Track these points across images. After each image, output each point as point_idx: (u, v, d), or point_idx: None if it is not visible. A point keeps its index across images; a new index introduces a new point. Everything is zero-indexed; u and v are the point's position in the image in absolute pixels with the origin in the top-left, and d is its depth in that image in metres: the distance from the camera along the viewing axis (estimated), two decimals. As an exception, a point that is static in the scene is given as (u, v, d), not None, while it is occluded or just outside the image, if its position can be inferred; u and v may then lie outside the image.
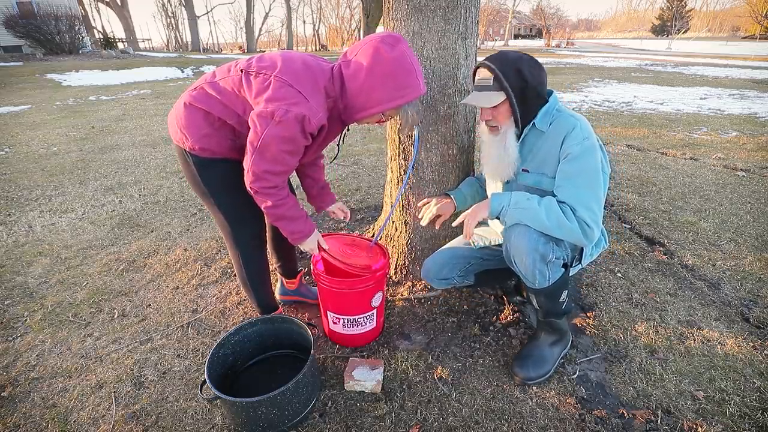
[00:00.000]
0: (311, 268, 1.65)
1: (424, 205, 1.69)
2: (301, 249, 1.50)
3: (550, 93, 1.41)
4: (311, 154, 1.41)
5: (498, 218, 1.39)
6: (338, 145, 1.56)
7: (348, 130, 1.49)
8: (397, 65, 1.19)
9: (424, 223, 1.65)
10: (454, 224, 1.47)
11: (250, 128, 1.23)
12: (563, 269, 1.42)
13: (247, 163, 1.25)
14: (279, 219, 1.37)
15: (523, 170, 1.44)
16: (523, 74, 1.30)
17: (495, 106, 1.35)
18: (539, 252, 1.32)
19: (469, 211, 1.41)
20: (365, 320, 1.63)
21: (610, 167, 1.41)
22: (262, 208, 1.35)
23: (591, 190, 1.31)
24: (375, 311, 1.64)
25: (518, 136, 1.42)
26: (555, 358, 1.55)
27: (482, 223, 1.58)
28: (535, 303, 1.51)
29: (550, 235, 1.32)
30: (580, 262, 1.51)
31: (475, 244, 1.64)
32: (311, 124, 1.19)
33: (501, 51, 1.38)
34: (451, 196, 1.70)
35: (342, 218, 1.78)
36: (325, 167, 1.74)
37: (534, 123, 1.38)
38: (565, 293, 1.47)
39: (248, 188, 1.29)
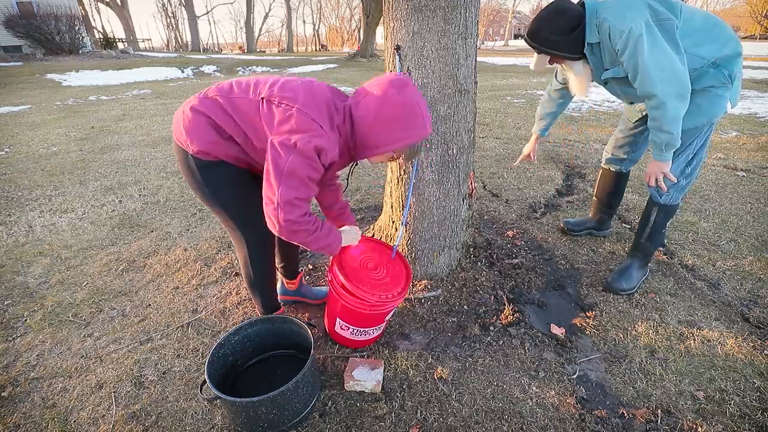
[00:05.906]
0: (329, 278, 1.58)
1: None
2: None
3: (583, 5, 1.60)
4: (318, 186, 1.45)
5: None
6: (347, 178, 1.64)
7: (356, 164, 1.54)
8: (404, 109, 1.26)
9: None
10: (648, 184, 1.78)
11: (264, 155, 1.25)
12: (680, 198, 1.88)
13: (275, 197, 1.22)
14: (322, 248, 1.39)
15: (604, 69, 1.68)
16: (547, 38, 1.62)
17: (548, 60, 1.70)
18: (676, 173, 1.74)
19: (650, 173, 1.72)
20: (375, 330, 1.63)
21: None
22: (300, 244, 1.33)
23: (648, 73, 1.48)
24: (386, 321, 1.65)
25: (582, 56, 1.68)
26: (639, 280, 1.99)
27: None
28: (651, 219, 1.92)
29: (680, 119, 1.54)
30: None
31: (631, 120, 2.06)
32: (326, 157, 1.24)
33: (535, 18, 1.66)
34: (538, 133, 2.23)
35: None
36: (342, 187, 1.70)
37: (588, 43, 1.61)
38: (668, 222, 1.97)
39: (280, 226, 1.24)
